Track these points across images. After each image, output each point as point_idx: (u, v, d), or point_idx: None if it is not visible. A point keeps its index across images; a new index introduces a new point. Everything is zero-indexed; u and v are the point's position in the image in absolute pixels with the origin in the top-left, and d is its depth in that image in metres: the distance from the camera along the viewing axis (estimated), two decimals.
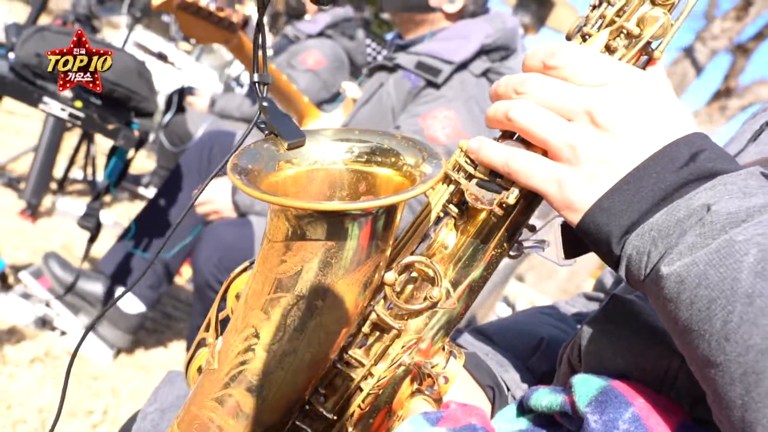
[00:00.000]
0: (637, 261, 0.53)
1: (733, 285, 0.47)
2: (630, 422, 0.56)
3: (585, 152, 0.55)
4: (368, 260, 0.60)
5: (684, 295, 0.49)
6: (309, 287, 0.58)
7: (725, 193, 0.51)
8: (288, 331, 0.59)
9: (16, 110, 4.32)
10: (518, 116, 0.59)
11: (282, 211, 0.57)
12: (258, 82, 0.65)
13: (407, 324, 0.67)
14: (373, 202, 0.56)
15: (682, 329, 0.50)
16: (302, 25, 3.59)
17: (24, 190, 3.12)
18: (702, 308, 0.48)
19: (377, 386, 0.67)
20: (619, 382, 0.60)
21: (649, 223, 0.53)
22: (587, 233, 0.57)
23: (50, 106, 1.68)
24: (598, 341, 0.65)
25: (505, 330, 0.88)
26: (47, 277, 2.23)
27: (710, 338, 0.48)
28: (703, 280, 0.48)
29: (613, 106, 0.55)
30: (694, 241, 0.50)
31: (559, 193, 0.57)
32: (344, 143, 0.65)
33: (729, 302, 0.47)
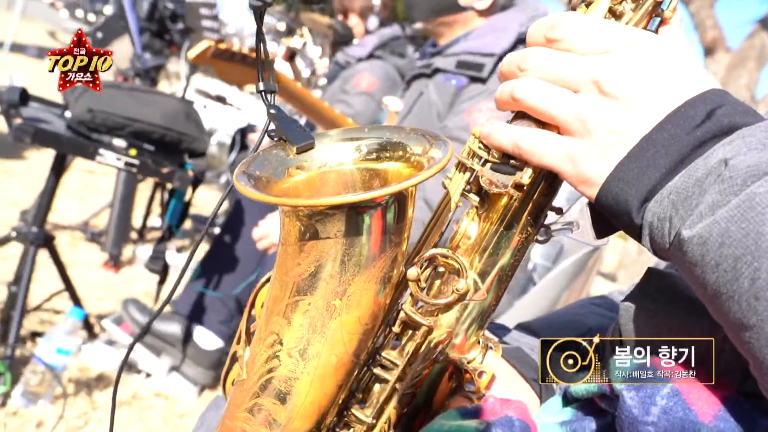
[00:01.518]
0: (660, 229, 0.50)
1: (758, 240, 0.43)
2: (668, 397, 0.53)
3: (595, 123, 0.53)
4: (383, 254, 0.59)
5: (708, 257, 0.46)
6: (325, 288, 0.58)
7: (743, 146, 0.47)
8: (309, 335, 0.59)
9: (95, 169, 4.54)
10: (523, 95, 0.57)
11: (292, 212, 0.57)
12: (264, 90, 0.66)
13: (438, 320, 0.66)
14: (378, 192, 0.55)
15: (711, 294, 0.47)
16: (351, 49, 3.63)
17: (105, 242, 3.27)
18: (728, 268, 0.45)
19: (412, 386, 0.66)
20: (657, 358, 0.57)
21: (667, 188, 0.50)
22: (606, 206, 0.54)
23: (106, 158, 1.75)
24: (635, 318, 0.62)
25: (551, 323, 0.85)
26: (128, 323, 2.31)
27: (740, 299, 0.44)
28: (726, 238, 0.45)
29: (620, 73, 0.53)
30: (715, 200, 0.47)
31: (573, 169, 0.55)
32: (351, 143, 0.64)
33: (755, 258, 0.43)
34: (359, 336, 0.61)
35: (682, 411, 0.52)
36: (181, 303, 2.33)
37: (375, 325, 0.63)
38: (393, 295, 0.67)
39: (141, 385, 2.27)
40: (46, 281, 2.61)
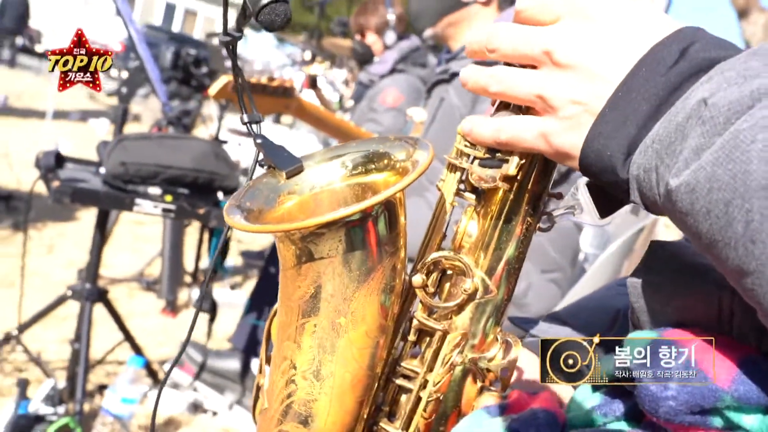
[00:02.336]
0: (647, 181, 0.48)
1: (746, 180, 0.41)
2: (683, 368, 0.51)
3: (554, 98, 0.52)
4: (380, 266, 0.59)
5: (698, 205, 0.44)
6: (328, 307, 0.58)
7: (723, 81, 0.45)
8: (320, 356, 0.59)
9: (143, 219, 4.67)
10: (488, 83, 0.57)
11: (285, 238, 0.58)
12: (249, 122, 0.67)
13: (452, 322, 0.65)
14: (361, 204, 0.55)
15: (707, 243, 0.45)
16: (373, 67, 3.66)
17: (160, 289, 3.35)
18: (720, 214, 0.43)
19: (436, 392, 0.66)
20: (673, 331, 0.55)
21: (649, 137, 0.48)
22: (593, 172, 0.52)
23: (143, 207, 1.80)
24: (643, 294, 0.60)
25: (579, 310, 0.83)
26: (189, 365, 2.36)
27: (736, 245, 0.42)
28: (713, 183, 0.43)
29: (570, 40, 0.52)
30: (698, 143, 0.44)
31: (549, 147, 0.54)
32: (337, 160, 0.65)
33: (745, 200, 0.41)
34: (370, 350, 0.61)
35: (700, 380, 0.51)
36: (237, 338, 2.37)
37: (385, 337, 0.63)
38: (402, 304, 0.67)
39: (209, 424, 2.31)
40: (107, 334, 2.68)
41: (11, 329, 2.25)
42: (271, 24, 0.60)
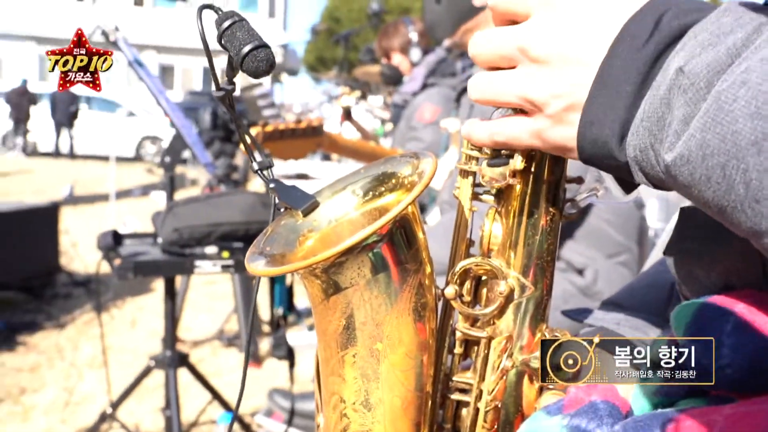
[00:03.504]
0: (646, 160, 0.47)
1: (735, 140, 0.40)
2: (733, 333, 0.49)
3: (537, 97, 0.51)
4: (406, 285, 0.59)
5: (697, 174, 0.43)
6: (362, 336, 0.58)
7: (697, 46, 0.44)
8: (365, 385, 0.59)
9: (215, 279, 4.78)
10: (478, 94, 0.56)
11: (309, 274, 0.58)
12: (260, 169, 0.68)
13: (495, 327, 0.64)
14: (370, 228, 0.55)
15: (717, 211, 0.43)
16: (404, 87, 3.66)
17: (241, 343, 3.41)
18: (719, 180, 0.41)
19: (492, 401, 0.64)
20: (717, 296, 0.53)
21: (638, 115, 0.47)
22: (594, 162, 0.51)
23: (203, 268, 1.84)
24: (684, 265, 0.58)
25: (633, 291, 0.81)
26: (278, 412, 2.39)
27: (743, 207, 0.41)
28: (705, 149, 0.41)
29: (542, 33, 0.51)
30: (684, 113, 0.43)
31: (545, 144, 0.53)
32: (347, 190, 0.65)
33: (740, 160, 0.40)
34: (414, 371, 0.60)
35: (753, 341, 0.48)
36: None
37: (428, 354, 0.62)
38: (444, 318, 0.66)
39: None
40: (198, 395, 2.75)
41: (105, 408, 2.32)
42: (256, 71, 0.61)
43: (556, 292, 1.93)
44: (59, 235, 4.56)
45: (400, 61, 3.71)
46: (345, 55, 5.69)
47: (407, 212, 0.59)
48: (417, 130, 3.46)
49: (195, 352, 3.54)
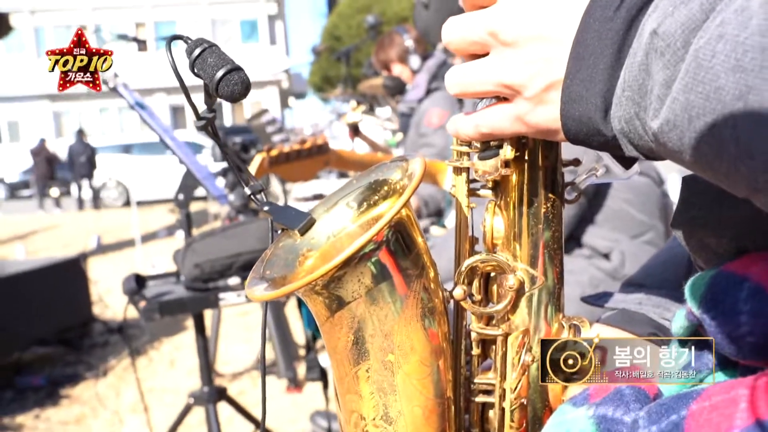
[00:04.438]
0: (634, 131, 0.45)
1: (720, 96, 0.38)
2: (749, 299, 0.46)
3: (514, 81, 0.50)
4: (411, 291, 0.57)
5: (686, 138, 0.41)
6: (372, 349, 0.57)
7: (669, 6, 0.42)
8: (383, 399, 0.58)
9: (247, 309, 4.80)
10: (455, 88, 0.55)
11: (310, 292, 0.57)
12: (252, 193, 0.67)
13: (511, 323, 0.63)
14: (362, 239, 0.53)
15: (712, 175, 0.42)
16: (409, 95, 3.65)
17: (279, 370, 3.41)
18: (709, 141, 0.39)
19: (516, 399, 0.62)
20: (730, 263, 0.50)
21: (619, 86, 0.45)
22: (582, 140, 0.50)
23: (228, 300, 1.84)
24: (694, 234, 0.55)
25: (652, 268, 0.78)
26: None
27: (737, 166, 0.39)
28: (690, 111, 0.40)
29: (511, 15, 0.50)
30: (665, 76, 0.41)
31: (529, 128, 0.52)
32: (341, 203, 0.64)
33: (727, 117, 0.38)
34: (431, 378, 0.59)
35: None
36: None
37: (444, 359, 0.60)
38: (456, 320, 0.64)
39: None
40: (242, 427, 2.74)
41: None
42: (231, 95, 0.60)
43: (583, 279, 1.89)
44: (90, 285, 4.61)
45: (400, 70, 3.70)
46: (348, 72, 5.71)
47: (402, 216, 0.57)
48: (427, 136, 3.44)
49: (235, 384, 3.55)
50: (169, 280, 2.08)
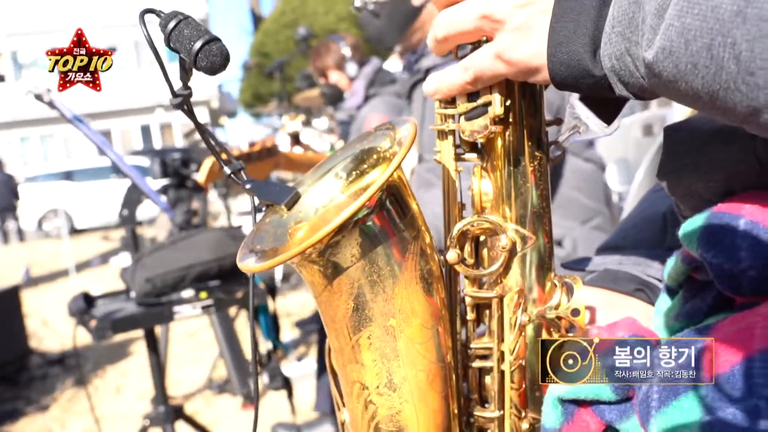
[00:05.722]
0: (624, 67, 0.46)
1: (717, 15, 0.39)
2: (748, 234, 0.48)
3: (497, 10, 0.50)
4: (408, 253, 0.56)
5: (682, 64, 0.41)
6: (374, 314, 0.56)
7: None
8: (386, 366, 0.57)
9: (194, 330, 4.68)
10: (439, 32, 0.55)
11: (306, 262, 0.56)
12: (232, 172, 0.66)
13: (504, 285, 0.63)
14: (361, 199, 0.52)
15: (709, 99, 0.42)
16: (347, 103, 3.66)
17: (233, 387, 3.33)
18: (707, 63, 0.40)
19: (515, 360, 0.62)
20: (721, 204, 0.52)
21: (608, 23, 0.46)
22: (569, 83, 0.50)
23: (183, 312, 1.79)
24: (681, 182, 0.57)
25: (626, 230, 0.80)
26: None
27: (737, 85, 0.39)
28: (687, 34, 0.40)
29: None
30: (657, 5, 0.42)
31: (509, 65, 0.52)
32: (330, 174, 0.63)
33: (725, 35, 0.39)
34: (433, 341, 0.58)
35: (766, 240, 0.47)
36: (320, 403, 2.34)
37: (443, 323, 0.60)
38: (450, 286, 0.64)
39: None
40: None
41: None
42: (212, 67, 0.58)
43: None
44: (24, 318, 4.42)
45: (337, 78, 3.70)
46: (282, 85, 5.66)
47: (395, 180, 0.57)
48: None
49: (188, 405, 3.45)
50: (119, 297, 2.01)
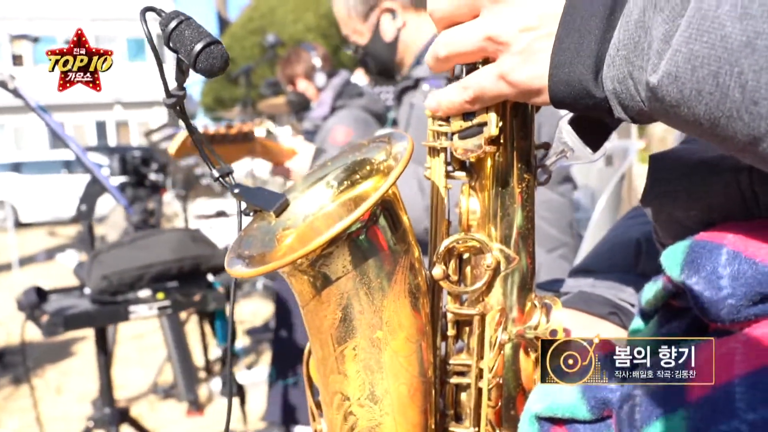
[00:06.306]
0: (625, 91, 0.47)
1: (725, 44, 0.40)
2: (729, 263, 0.49)
3: (502, 33, 0.51)
4: (398, 267, 0.57)
5: (687, 90, 0.42)
6: (361, 326, 0.56)
7: None
8: (369, 378, 0.57)
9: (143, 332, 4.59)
10: (441, 51, 0.56)
11: (295, 271, 0.56)
12: (220, 175, 0.65)
13: (486, 303, 0.63)
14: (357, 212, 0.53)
15: (710, 126, 0.43)
16: (314, 113, 3.65)
17: (179, 393, 3.27)
18: (711, 90, 0.41)
19: (494, 377, 0.63)
20: (703, 233, 0.53)
21: (612, 46, 0.47)
22: (568, 103, 0.51)
23: (139, 312, 1.76)
24: (662, 208, 0.59)
25: (599, 254, 0.82)
26: None
27: (740, 113, 0.41)
28: (694, 61, 0.41)
29: None
30: (664, 31, 0.43)
31: (512, 87, 0.52)
32: (321, 182, 0.63)
33: (733, 64, 0.40)
34: (416, 355, 0.59)
35: (750, 268, 0.49)
36: (271, 412, 2.31)
37: (426, 338, 0.60)
38: (432, 302, 0.65)
39: None
40: None
41: None
42: (210, 69, 0.58)
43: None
44: None
45: (305, 87, 3.70)
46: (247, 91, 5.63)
47: (389, 195, 0.57)
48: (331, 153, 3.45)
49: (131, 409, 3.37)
50: (72, 293, 1.96)
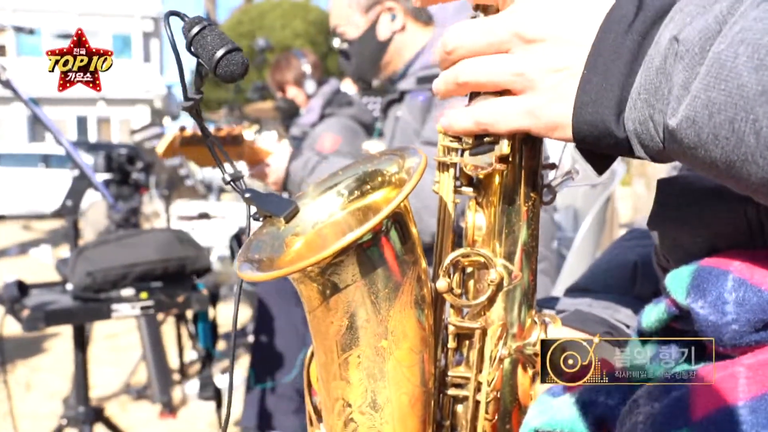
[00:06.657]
0: (646, 132, 0.49)
1: (742, 92, 0.43)
2: (735, 289, 0.51)
3: (534, 72, 0.53)
4: (406, 278, 0.58)
5: (704, 134, 0.45)
6: (366, 334, 0.57)
7: (686, 17, 0.47)
8: (371, 385, 0.58)
9: (116, 331, 4.54)
10: (462, 77, 0.57)
11: (305, 277, 0.56)
12: (232, 180, 0.66)
13: (487, 318, 0.65)
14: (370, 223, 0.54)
15: (725, 168, 0.46)
16: (302, 119, 3.66)
17: (152, 394, 3.24)
18: (728, 135, 0.44)
19: (492, 391, 0.64)
20: (709, 258, 0.55)
21: (634, 90, 0.49)
22: (587, 138, 0.53)
23: (121, 311, 1.75)
24: (668, 234, 0.60)
25: (595, 275, 0.84)
26: None
27: (754, 158, 0.43)
28: (712, 107, 0.44)
29: (533, 16, 0.53)
30: (684, 78, 0.46)
31: (538, 122, 0.54)
32: (332, 191, 0.64)
33: (749, 111, 0.42)
34: (419, 366, 0.60)
35: (755, 296, 0.51)
36: (246, 417, 2.30)
37: (428, 349, 0.61)
38: (435, 314, 0.66)
39: None
40: None
41: None
42: (231, 75, 0.59)
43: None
44: None
45: (295, 93, 3.71)
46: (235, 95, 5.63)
47: (400, 208, 0.58)
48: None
49: None
50: (55, 289, 1.94)
